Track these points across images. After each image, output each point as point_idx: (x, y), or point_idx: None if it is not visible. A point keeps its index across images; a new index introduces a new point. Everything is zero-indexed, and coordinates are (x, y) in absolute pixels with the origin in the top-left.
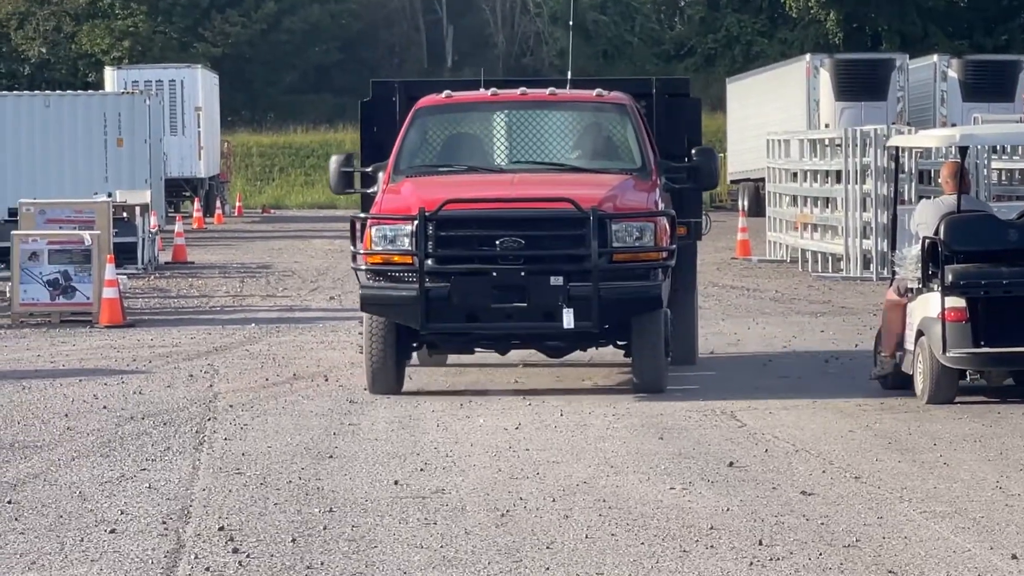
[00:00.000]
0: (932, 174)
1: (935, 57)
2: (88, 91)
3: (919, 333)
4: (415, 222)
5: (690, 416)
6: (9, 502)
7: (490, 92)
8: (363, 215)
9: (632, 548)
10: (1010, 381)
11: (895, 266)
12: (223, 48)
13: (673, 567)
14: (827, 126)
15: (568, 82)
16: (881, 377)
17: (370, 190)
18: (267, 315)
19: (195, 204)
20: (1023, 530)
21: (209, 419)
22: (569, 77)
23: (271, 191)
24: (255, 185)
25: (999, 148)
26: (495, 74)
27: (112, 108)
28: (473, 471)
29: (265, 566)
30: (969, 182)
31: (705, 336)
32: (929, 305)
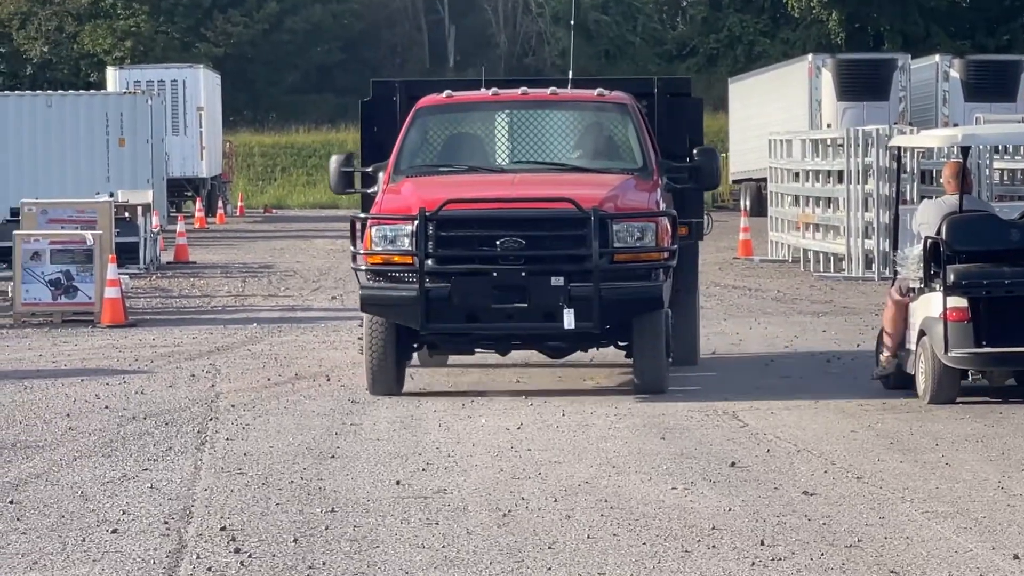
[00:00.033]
0: (934, 174)
1: (937, 57)
2: (90, 91)
3: (921, 333)
4: (415, 222)
5: (692, 416)
6: (11, 502)
7: (491, 92)
8: (363, 215)
9: (634, 548)
10: (1012, 381)
11: (897, 266)
12: (225, 48)
13: (675, 567)
14: (829, 126)
15: (569, 82)
16: (883, 377)
17: (370, 190)
18: (269, 315)
19: (197, 204)
20: None
21: (211, 419)
22: (570, 77)
23: (273, 191)
24: (257, 185)
25: (1001, 148)
26: (497, 74)
27: (114, 108)
28: (475, 471)
29: (267, 566)
30: (971, 182)
31: (707, 336)
32: (931, 305)
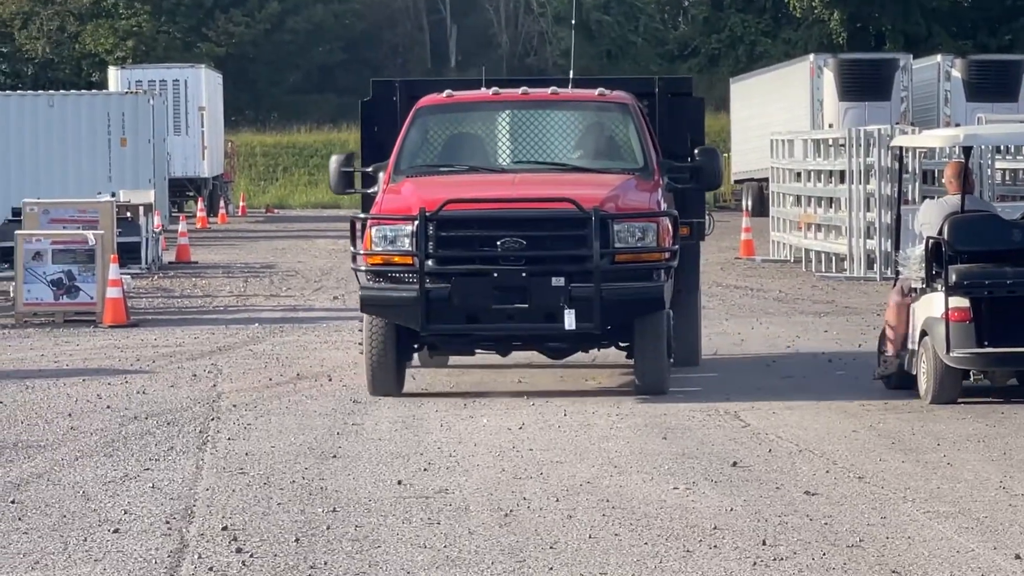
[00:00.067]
0: (936, 174)
1: (939, 57)
2: (92, 91)
3: (923, 333)
4: (415, 222)
5: (693, 416)
6: (13, 502)
7: (491, 91)
8: (363, 215)
9: (635, 548)
10: (1014, 381)
11: (899, 266)
12: (227, 48)
13: (676, 567)
14: (831, 126)
15: (570, 81)
16: (885, 377)
17: (370, 190)
18: (271, 315)
19: (199, 204)
20: None
21: (213, 419)
22: (571, 76)
23: (275, 191)
24: (259, 185)
25: (1003, 148)
26: (499, 74)
27: (116, 108)
28: (476, 471)
29: (268, 566)
30: (973, 182)
31: (709, 336)
32: (933, 305)
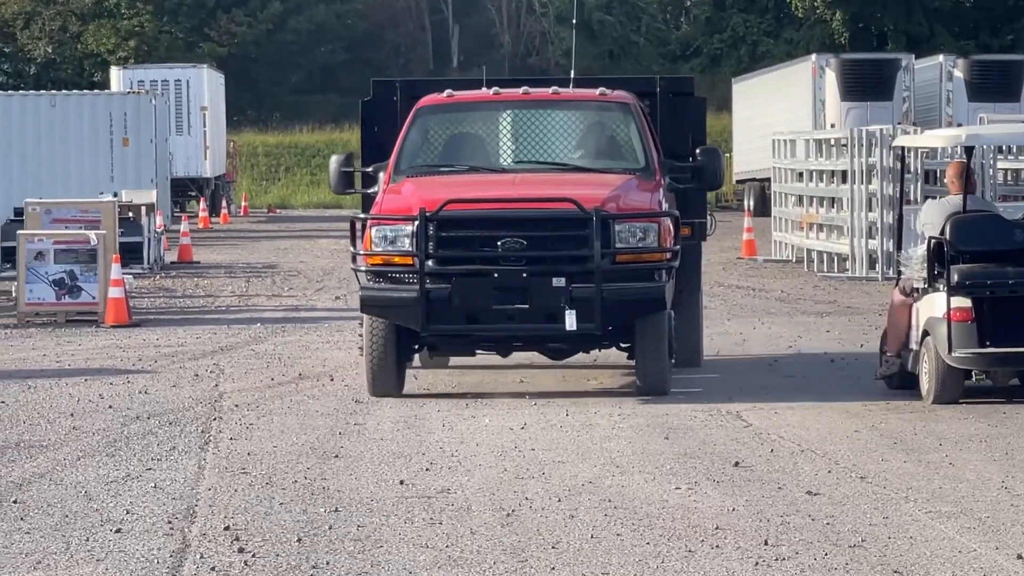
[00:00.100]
0: (938, 174)
1: (941, 57)
2: (94, 91)
3: (925, 333)
4: (416, 222)
5: (695, 416)
6: (15, 501)
7: (492, 91)
8: (363, 215)
9: (637, 548)
10: (1015, 381)
11: (901, 266)
12: (229, 48)
13: (678, 567)
14: (833, 126)
15: (571, 81)
16: (886, 377)
17: (371, 190)
18: (273, 315)
19: (201, 204)
20: None
21: (215, 419)
22: (572, 76)
23: (277, 191)
24: (261, 185)
25: (1005, 148)
26: (501, 74)
27: (118, 108)
28: (479, 471)
29: (271, 566)
30: (975, 182)
31: (711, 336)
32: (935, 305)
